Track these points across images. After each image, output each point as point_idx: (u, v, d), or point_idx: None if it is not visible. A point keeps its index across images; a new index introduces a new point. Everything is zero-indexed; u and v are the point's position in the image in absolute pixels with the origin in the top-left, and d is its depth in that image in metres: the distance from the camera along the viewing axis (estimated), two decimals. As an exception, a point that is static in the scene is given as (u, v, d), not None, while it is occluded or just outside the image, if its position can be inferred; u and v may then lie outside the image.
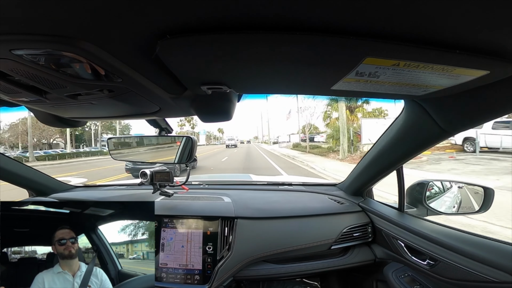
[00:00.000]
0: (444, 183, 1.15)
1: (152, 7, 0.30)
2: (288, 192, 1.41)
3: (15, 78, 0.49)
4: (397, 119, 0.88)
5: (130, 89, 0.57)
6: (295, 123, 26.72)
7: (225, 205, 1.14)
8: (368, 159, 1.11)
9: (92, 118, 0.94)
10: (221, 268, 0.95)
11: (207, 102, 0.75)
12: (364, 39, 0.36)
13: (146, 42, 0.39)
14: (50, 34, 0.35)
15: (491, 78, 0.48)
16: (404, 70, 0.44)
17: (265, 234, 1.04)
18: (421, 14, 0.31)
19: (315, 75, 0.51)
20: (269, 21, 0.33)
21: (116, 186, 1.60)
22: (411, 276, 0.96)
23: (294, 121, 27.75)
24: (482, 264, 0.70)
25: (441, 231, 0.87)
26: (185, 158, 1.12)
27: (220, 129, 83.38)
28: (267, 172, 8.18)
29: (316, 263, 1.07)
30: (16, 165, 1.26)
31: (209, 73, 0.51)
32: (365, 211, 1.18)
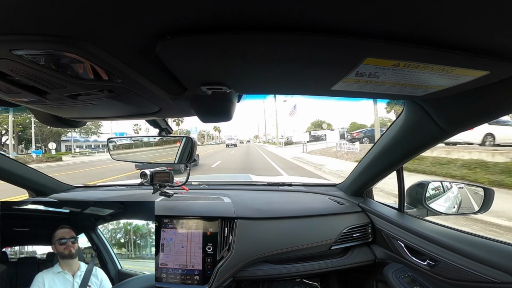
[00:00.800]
0: (444, 183, 1.14)
1: (152, 7, 0.30)
2: (288, 193, 1.41)
3: (15, 78, 0.49)
4: (397, 120, 0.88)
5: (130, 90, 0.57)
6: (300, 119, 21.96)
7: (225, 205, 1.14)
8: (368, 160, 1.11)
9: (92, 119, 0.94)
10: (221, 269, 0.94)
11: (207, 103, 0.75)
12: (364, 39, 0.36)
13: (146, 42, 0.39)
14: (50, 34, 0.35)
15: (491, 79, 0.48)
16: (404, 71, 0.44)
17: (265, 235, 1.04)
18: (421, 15, 0.31)
19: (315, 75, 0.51)
20: (269, 21, 0.33)
21: (116, 187, 1.60)
22: (411, 277, 0.96)
23: (299, 117, 22.90)
24: (482, 265, 0.70)
25: (441, 232, 0.87)
26: (185, 158, 1.12)
27: (216, 127, 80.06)
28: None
29: (316, 263, 1.07)
30: (16, 165, 1.26)
31: (209, 74, 0.51)
32: (365, 212, 1.18)
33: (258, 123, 78.99)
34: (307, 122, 31.97)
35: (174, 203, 1.15)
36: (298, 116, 24.94)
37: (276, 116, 38.35)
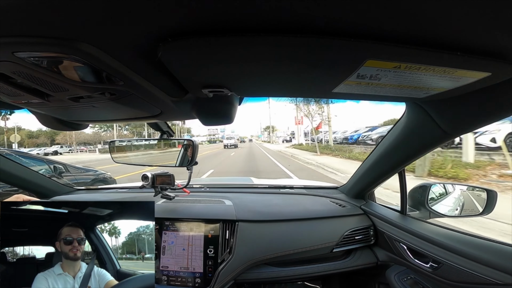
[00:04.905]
0: (446, 185, 1.14)
1: (154, 10, 0.30)
2: (289, 195, 1.41)
3: (18, 81, 0.49)
4: (398, 122, 0.88)
5: (131, 92, 0.57)
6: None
7: (226, 208, 1.13)
8: (370, 162, 1.10)
9: (93, 121, 0.94)
10: (222, 271, 0.94)
11: (208, 105, 0.76)
12: (365, 41, 0.36)
13: (148, 45, 0.39)
14: (52, 36, 0.35)
15: (493, 80, 0.48)
16: (405, 73, 0.44)
17: (266, 237, 1.04)
18: (422, 16, 0.31)
19: (316, 78, 0.51)
20: (270, 23, 0.33)
21: (118, 189, 1.60)
22: (413, 279, 0.95)
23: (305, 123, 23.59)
24: (486, 267, 0.70)
25: (444, 234, 0.86)
26: (186, 161, 1.12)
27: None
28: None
29: (317, 266, 1.06)
30: (18, 168, 1.27)
31: (211, 76, 0.51)
32: (367, 214, 1.17)
33: (260, 122, 76.80)
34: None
35: (175, 206, 1.15)
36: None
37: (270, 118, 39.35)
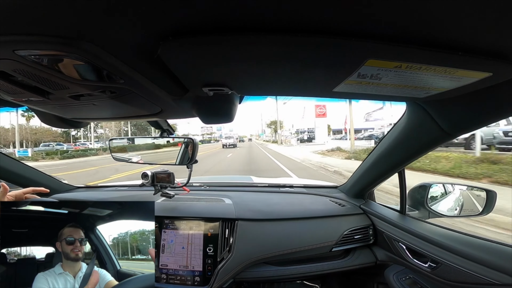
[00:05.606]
0: (446, 185, 1.14)
1: (155, 8, 0.30)
2: (289, 194, 1.41)
3: (18, 79, 0.49)
4: (399, 121, 0.88)
5: (132, 90, 0.57)
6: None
7: (226, 206, 1.14)
8: (370, 161, 1.10)
9: (93, 119, 0.94)
10: (221, 270, 0.94)
11: (208, 104, 0.75)
12: (366, 40, 0.36)
13: (149, 44, 0.39)
14: (53, 35, 0.35)
15: (494, 80, 0.48)
16: (406, 72, 0.44)
17: (266, 236, 1.04)
18: (423, 16, 0.31)
19: (317, 77, 0.51)
20: (271, 23, 0.33)
21: (118, 187, 1.60)
22: (412, 279, 0.95)
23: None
24: (484, 267, 0.70)
25: (443, 234, 0.87)
26: (186, 159, 1.12)
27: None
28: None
29: (317, 265, 1.06)
30: (18, 165, 1.27)
31: (211, 75, 0.51)
32: (367, 214, 1.17)
33: (262, 117, 74.77)
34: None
35: (175, 204, 1.15)
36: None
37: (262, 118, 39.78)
